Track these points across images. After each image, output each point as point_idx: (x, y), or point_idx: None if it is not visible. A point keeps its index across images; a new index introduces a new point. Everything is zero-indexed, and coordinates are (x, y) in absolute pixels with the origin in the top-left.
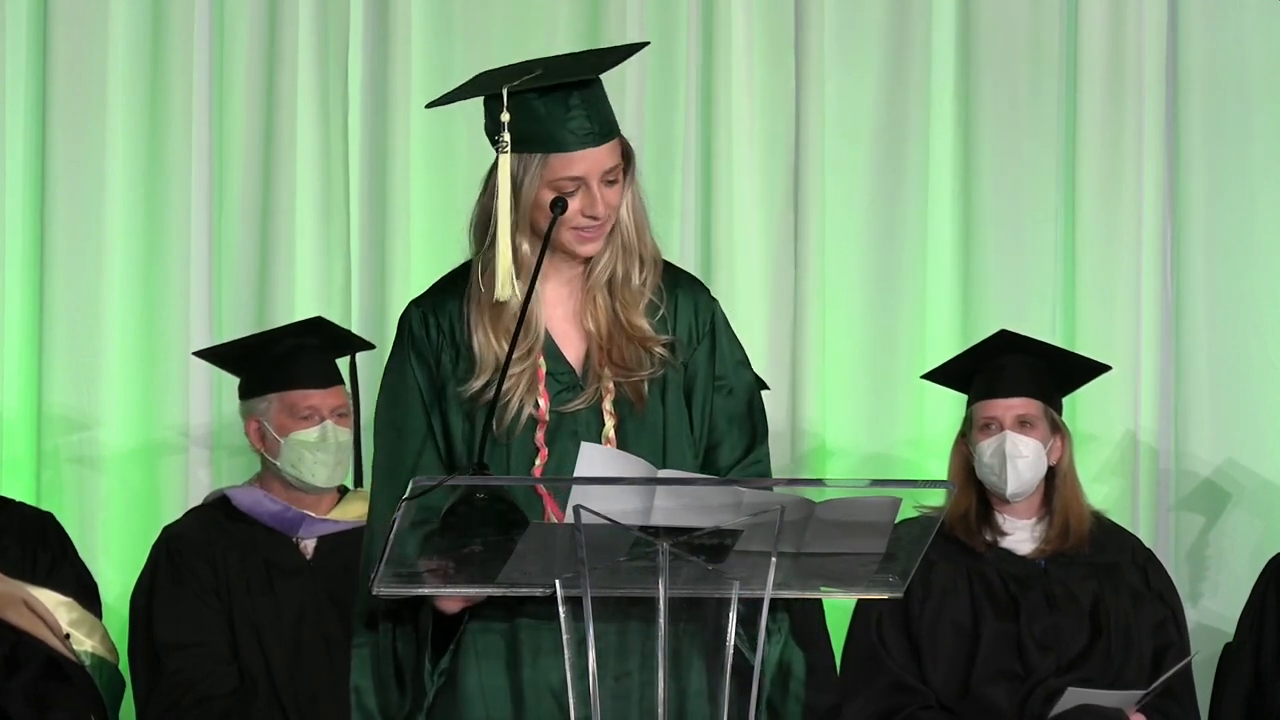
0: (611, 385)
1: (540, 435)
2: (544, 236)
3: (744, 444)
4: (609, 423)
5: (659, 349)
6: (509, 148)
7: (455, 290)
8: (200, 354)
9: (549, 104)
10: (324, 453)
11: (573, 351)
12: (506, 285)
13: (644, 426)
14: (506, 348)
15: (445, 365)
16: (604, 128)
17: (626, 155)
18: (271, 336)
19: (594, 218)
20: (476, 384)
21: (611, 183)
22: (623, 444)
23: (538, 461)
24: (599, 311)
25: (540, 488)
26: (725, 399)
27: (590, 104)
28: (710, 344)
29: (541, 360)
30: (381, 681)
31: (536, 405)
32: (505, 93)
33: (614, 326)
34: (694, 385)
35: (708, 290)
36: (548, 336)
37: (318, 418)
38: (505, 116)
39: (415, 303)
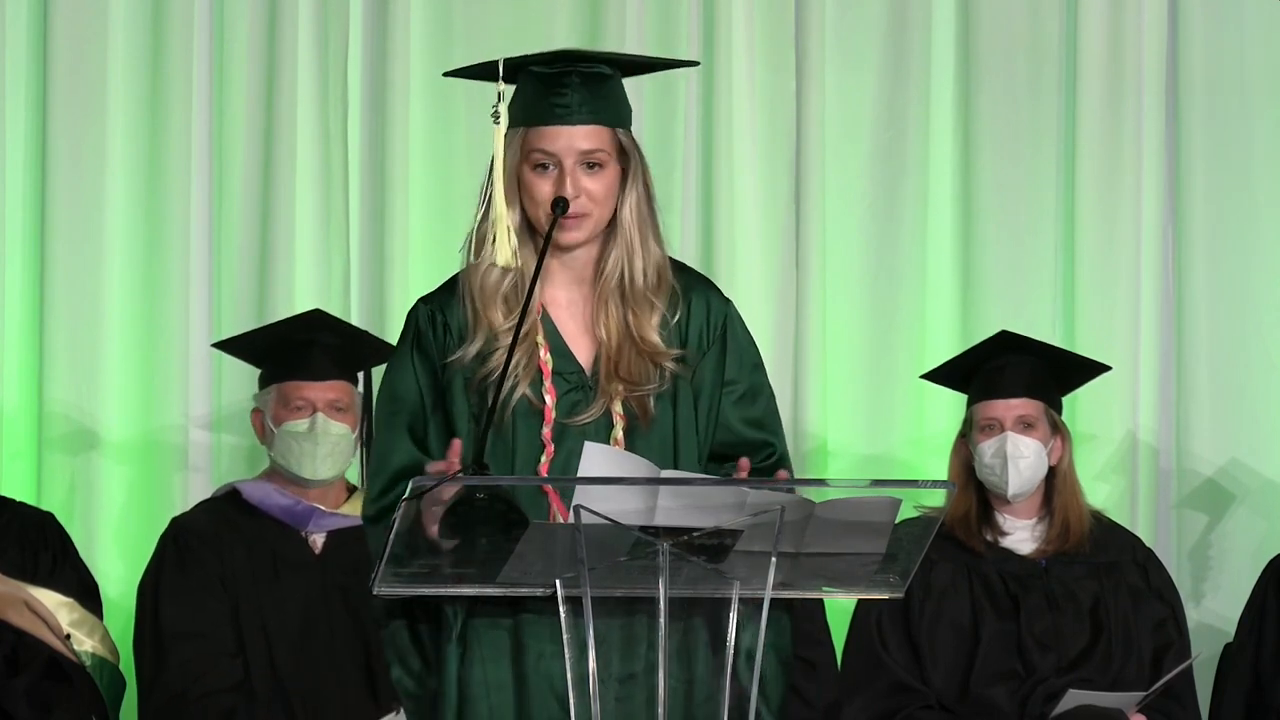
0: (620, 389)
1: (547, 432)
2: (544, 236)
3: (756, 449)
4: (618, 425)
5: (669, 363)
6: (499, 120)
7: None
8: (219, 345)
9: (547, 81)
10: (311, 444)
11: (583, 354)
12: (504, 248)
13: (653, 433)
14: (500, 318)
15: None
16: (591, 111)
17: (625, 153)
18: (279, 330)
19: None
20: (471, 349)
21: (593, 168)
22: (630, 448)
23: (543, 459)
24: (611, 321)
25: (548, 486)
26: (736, 404)
27: (587, 88)
28: (720, 349)
29: (547, 355)
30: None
31: (542, 400)
32: (502, 67)
33: (624, 338)
34: (701, 390)
35: (721, 293)
36: (557, 335)
37: (310, 409)
38: (501, 88)
39: (424, 300)
